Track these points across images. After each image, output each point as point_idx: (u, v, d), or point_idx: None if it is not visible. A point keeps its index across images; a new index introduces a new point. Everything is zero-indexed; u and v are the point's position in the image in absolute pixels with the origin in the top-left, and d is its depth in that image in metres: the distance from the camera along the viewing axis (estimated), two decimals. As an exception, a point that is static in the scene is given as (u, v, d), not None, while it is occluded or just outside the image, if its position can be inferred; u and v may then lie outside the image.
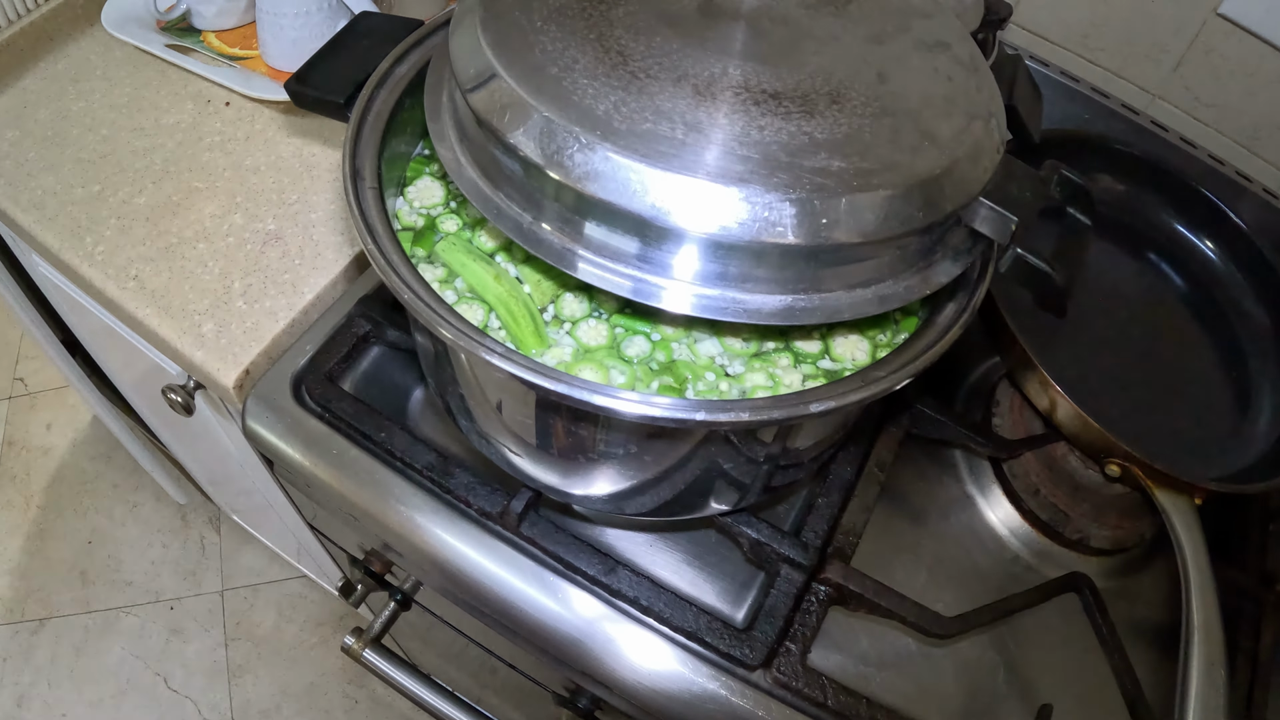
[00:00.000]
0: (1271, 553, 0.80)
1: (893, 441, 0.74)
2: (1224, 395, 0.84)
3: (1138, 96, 0.98)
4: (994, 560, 0.76)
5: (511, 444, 0.61)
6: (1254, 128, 0.97)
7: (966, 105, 0.55)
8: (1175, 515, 0.69)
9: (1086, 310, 0.82)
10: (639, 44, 0.52)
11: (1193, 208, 0.89)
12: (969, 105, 0.55)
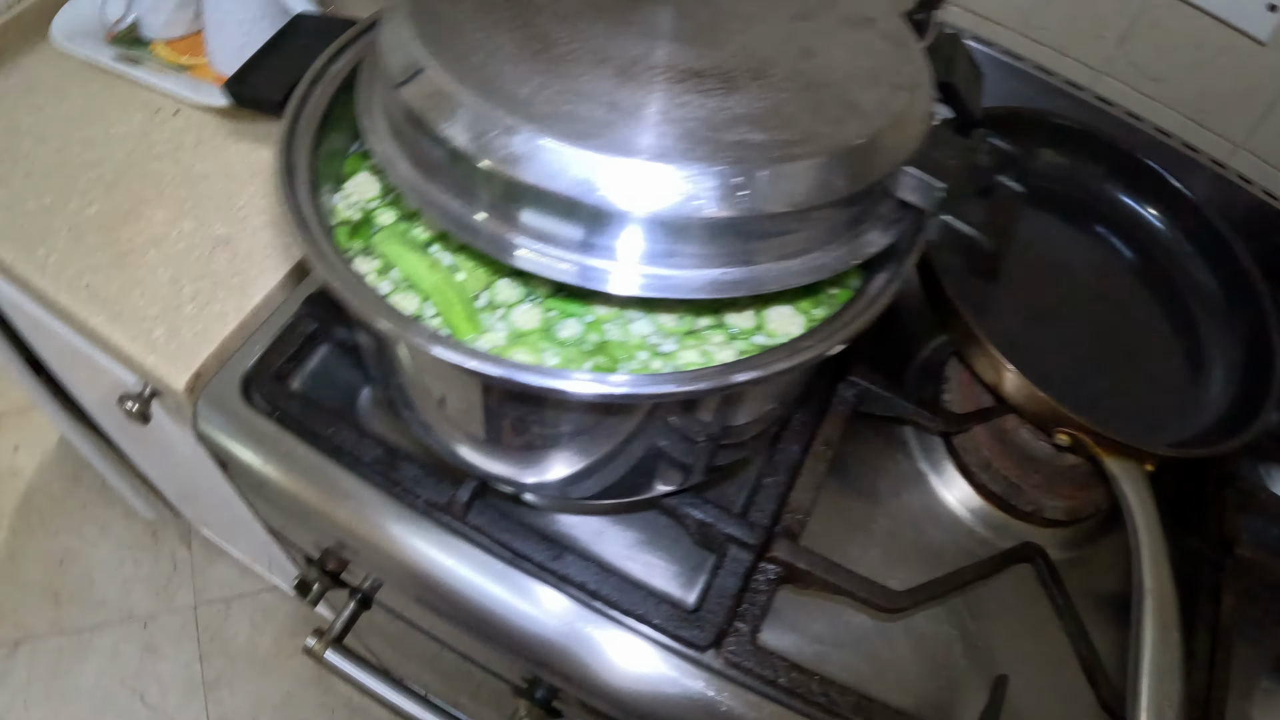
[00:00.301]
0: (1229, 517, 0.81)
1: (840, 419, 0.75)
2: (1177, 362, 0.86)
3: (1083, 73, 0.99)
4: (948, 535, 0.77)
5: (451, 432, 0.62)
6: (1201, 100, 0.98)
7: (892, 77, 0.56)
8: (1125, 482, 0.70)
9: (1035, 283, 0.83)
10: (564, 30, 0.53)
11: (1138, 179, 0.90)
12: (894, 77, 0.56)
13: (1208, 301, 0.89)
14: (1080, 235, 0.90)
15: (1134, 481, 0.70)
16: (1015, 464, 0.77)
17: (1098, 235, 0.90)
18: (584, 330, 0.58)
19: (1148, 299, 0.88)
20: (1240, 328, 0.87)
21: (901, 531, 0.77)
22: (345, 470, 0.72)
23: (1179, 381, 0.84)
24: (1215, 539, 0.80)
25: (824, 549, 0.72)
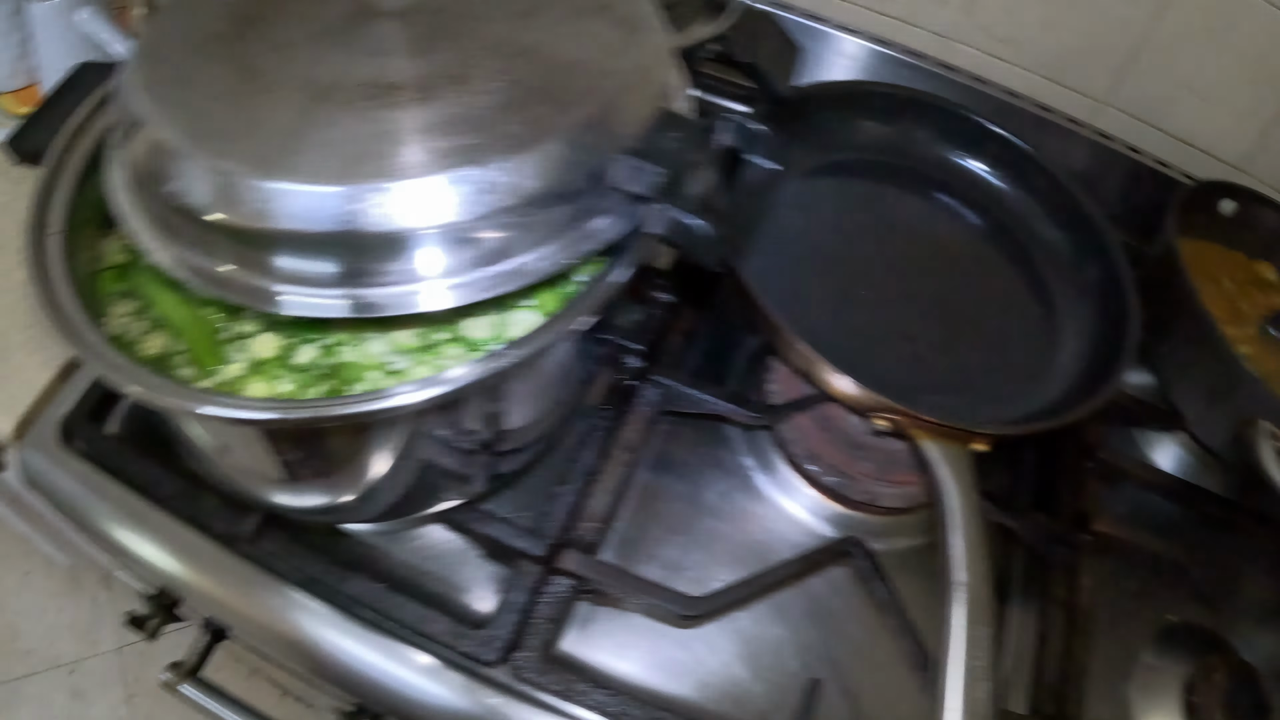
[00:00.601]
0: (1089, 491, 0.79)
1: (642, 422, 0.73)
2: (1031, 329, 0.83)
3: (931, 42, 0.97)
4: (778, 532, 0.75)
5: (218, 466, 0.61)
6: (1059, 59, 0.96)
7: (612, 65, 0.54)
8: (940, 465, 0.68)
9: (871, 261, 0.82)
10: (275, 59, 0.52)
11: (977, 142, 0.88)
12: (616, 64, 0.54)
13: (1059, 262, 0.86)
14: (922, 205, 0.88)
15: (953, 464, 0.68)
16: (844, 452, 0.75)
17: (940, 203, 0.88)
18: (320, 354, 0.57)
19: (998, 264, 0.86)
20: (1093, 289, 0.84)
21: (727, 530, 0.75)
22: (152, 506, 0.71)
23: (1032, 349, 0.82)
24: (1071, 516, 0.77)
25: (639, 554, 0.71)
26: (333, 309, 0.48)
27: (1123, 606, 0.80)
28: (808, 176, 0.84)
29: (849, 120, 0.86)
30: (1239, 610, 0.84)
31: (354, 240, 0.46)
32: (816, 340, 0.70)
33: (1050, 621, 0.73)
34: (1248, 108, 0.96)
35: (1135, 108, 0.97)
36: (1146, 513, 0.86)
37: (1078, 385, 0.78)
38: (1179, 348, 0.83)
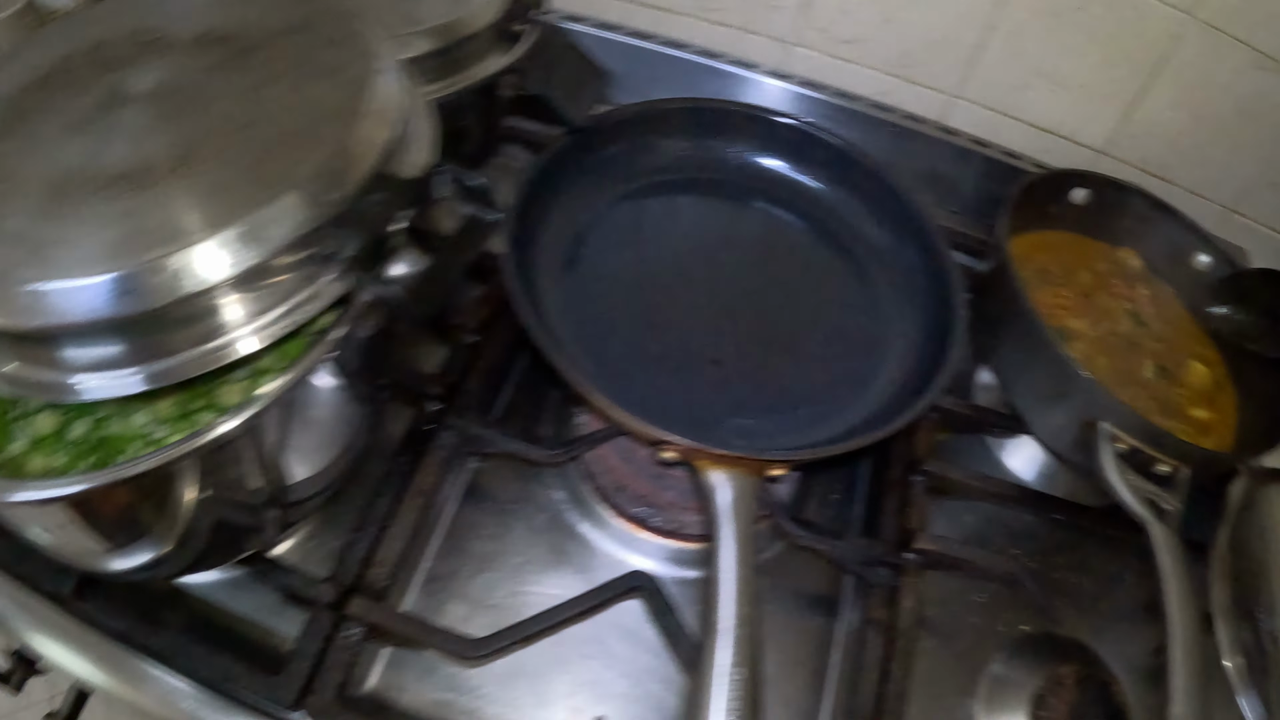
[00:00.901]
0: (914, 507, 0.77)
1: (438, 466, 0.74)
2: (857, 339, 0.83)
3: (771, 49, 0.96)
4: (586, 564, 0.75)
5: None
6: (902, 54, 0.94)
7: (329, 132, 0.55)
8: (718, 496, 0.67)
9: (671, 285, 0.81)
10: (30, 159, 0.54)
11: (792, 146, 0.88)
12: (333, 131, 0.55)
13: (887, 264, 0.85)
14: (739, 217, 0.87)
15: (734, 496, 0.67)
16: (649, 483, 0.75)
17: (758, 213, 0.87)
18: (90, 428, 0.59)
19: (823, 271, 0.85)
20: (921, 292, 0.83)
21: (537, 567, 0.75)
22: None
23: (858, 359, 0.81)
24: (895, 534, 0.76)
25: (447, 594, 0.72)
26: (122, 387, 0.50)
27: (969, 621, 0.79)
28: (616, 204, 0.84)
29: (651, 141, 0.85)
30: (1101, 616, 0.82)
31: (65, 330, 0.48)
32: (603, 374, 0.72)
33: (868, 646, 0.72)
34: (1106, 90, 0.93)
35: (988, 99, 0.95)
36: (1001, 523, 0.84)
37: (900, 396, 0.76)
38: (1013, 349, 0.81)
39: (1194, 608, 0.68)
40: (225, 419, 0.51)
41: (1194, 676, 0.65)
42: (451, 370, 0.77)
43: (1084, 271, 0.89)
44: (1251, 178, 0.98)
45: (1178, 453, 0.75)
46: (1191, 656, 0.65)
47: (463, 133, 0.81)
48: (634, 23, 0.95)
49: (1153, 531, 0.71)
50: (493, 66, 0.78)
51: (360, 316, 0.55)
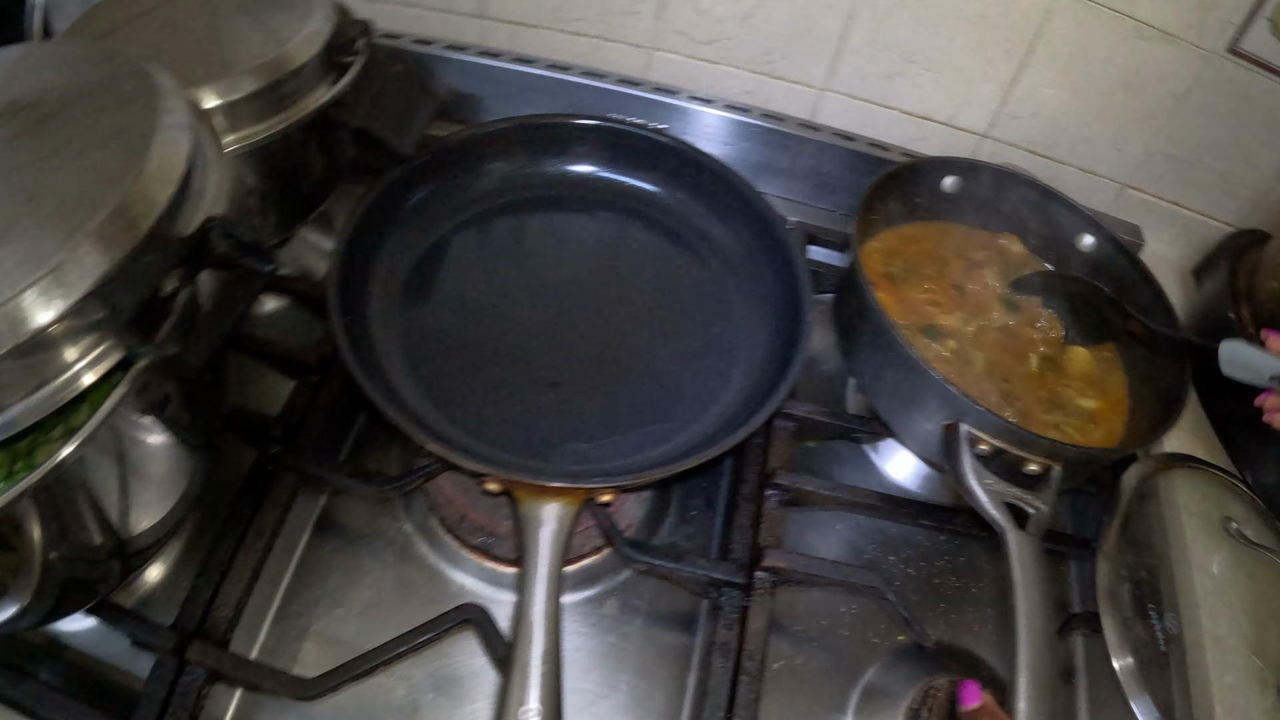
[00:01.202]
0: (767, 522, 0.76)
1: (277, 507, 0.74)
2: (708, 349, 0.81)
3: (633, 57, 0.95)
4: (440, 594, 0.75)
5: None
6: (765, 51, 0.92)
7: (105, 197, 0.55)
8: (529, 527, 0.67)
9: (511, 312, 0.81)
10: None
11: (636, 155, 0.87)
12: (111, 196, 0.55)
13: (738, 269, 0.84)
14: (584, 233, 0.86)
15: (546, 526, 0.67)
16: (484, 512, 0.74)
17: (604, 225, 0.87)
18: None
19: (673, 281, 0.85)
20: (772, 296, 0.82)
21: (388, 599, 0.75)
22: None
23: (709, 371, 0.80)
24: (747, 553, 0.74)
25: (296, 631, 0.73)
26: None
27: (839, 634, 0.78)
28: (455, 231, 0.84)
29: (484, 165, 0.85)
30: (984, 620, 0.81)
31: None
32: (438, 404, 0.73)
33: (713, 670, 0.70)
34: (980, 72, 0.91)
35: (859, 90, 0.93)
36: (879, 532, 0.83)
37: (748, 407, 0.75)
38: (870, 352, 0.79)
39: (1046, 619, 0.66)
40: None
41: (1041, 693, 0.63)
42: (293, 410, 0.77)
43: (958, 262, 0.86)
44: (1145, 151, 0.94)
45: (1047, 451, 0.72)
46: (1039, 673, 0.64)
47: (301, 168, 0.81)
48: (490, 41, 0.94)
49: (1007, 540, 0.69)
50: (319, 100, 0.77)
51: (137, 378, 0.55)
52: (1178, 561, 0.78)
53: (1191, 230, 0.99)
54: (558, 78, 0.91)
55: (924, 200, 0.87)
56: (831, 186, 0.95)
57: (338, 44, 0.78)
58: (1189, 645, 0.73)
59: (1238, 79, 0.89)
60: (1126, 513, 0.80)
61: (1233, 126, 0.93)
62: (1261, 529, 0.81)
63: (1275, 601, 0.76)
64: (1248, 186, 0.96)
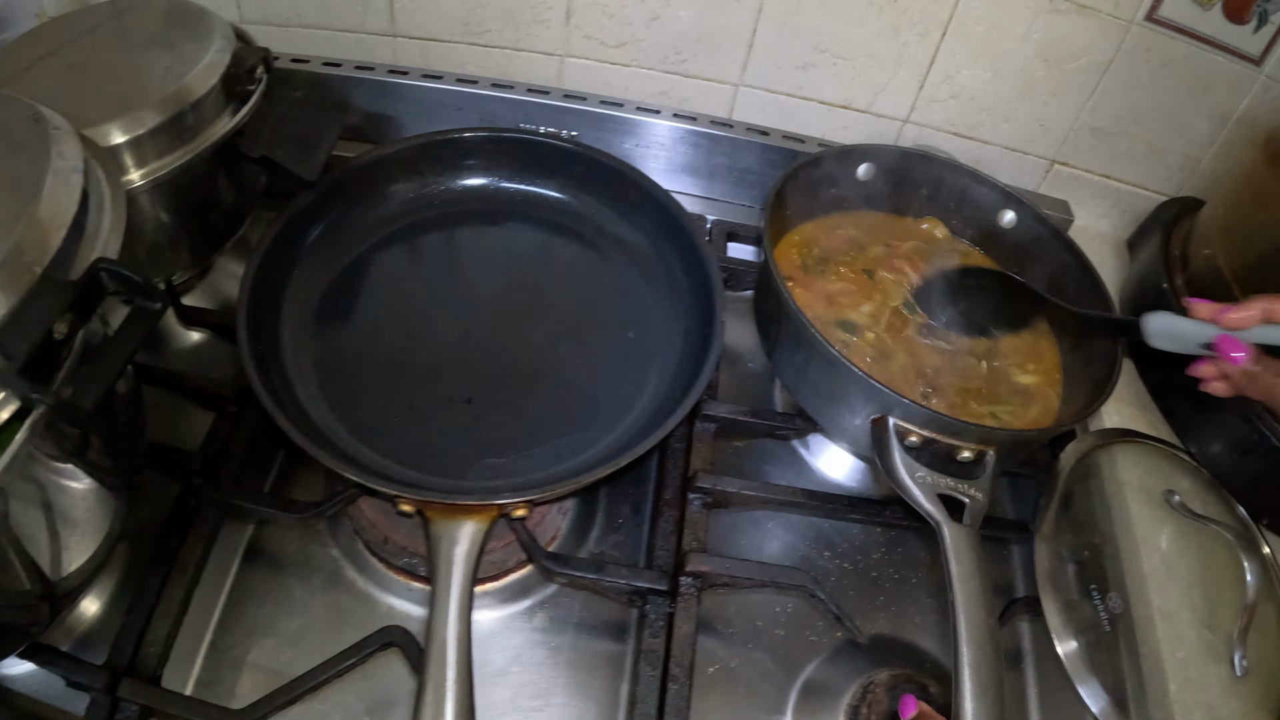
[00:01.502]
0: (691, 527, 0.76)
1: (201, 540, 0.74)
2: (624, 354, 0.81)
3: (546, 64, 0.95)
4: (370, 618, 0.75)
5: None
6: (676, 50, 0.92)
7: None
8: (442, 547, 0.67)
9: (422, 330, 0.81)
10: None
11: (540, 163, 0.87)
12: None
13: (651, 271, 0.84)
14: (494, 244, 0.87)
15: (454, 545, 0.66)
16: (406, 534, 0.74)
17: (514, 236, 0.87)
18: None
19: (588, 287, 0.84)
20: (686, 296, 0.82)
21: (319, 626, 0.75)
22: None
23: (625, 377, 0.80)
24: (673, 558, 0.74)
25: (231, 662, 0.72)
26: None
27: (775, 634, 0.78)
28: (366, 253, 0.84)
29: (391, 186, 0.85)
30: (924, 610, 0.81)
31: None
32: (353, 427, 0.73)
33: (641, 679, 0.70)
34: (895, 57, 0.90)
35: (774, 83, 0.93)
36: (815, 529, 0.83)
37: (665, 411, 0.74)
38: (790, 350, 0.78)
39: (987, 613, 0.65)
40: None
41: (984, 691, 0.61)
42: (213, 441, 0.77)
43: (877, 251, 0.86)
44: (1070, 125, 0.94)
45: (979, 436, 0.71)
46: (981, 671, 0.61)
47: (210, 199, 0.81)
48: (403, 59, 0.94)
49: (942, 534, 0.67)
50: (222, 130, 0.78)
51: (36, 425, 0.55)
52: (1122, 539, 0.77)
53: (1124, 202, 0.99)
54: (466, 91, 0.91)
55: (841, 191, 0.86)
56: (750, 182, 0.95)
57: (237, 73, 0.78)
58: (1138, 622, 0.73)
59: (1159, 47, 0.89)
60: (1066, 492, 0.79)
61: (1158, 95, 0.92)
62: (1209, 500, 0.81)
63: (1225, 572, 0.76)
64: (1177, 154, 0.95)
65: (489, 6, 0.90)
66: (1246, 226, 0.83)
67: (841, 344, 0.78)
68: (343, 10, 0.92)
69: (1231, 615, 0.73)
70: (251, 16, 0.91)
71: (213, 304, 0.89)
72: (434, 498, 0.67)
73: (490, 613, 0.76)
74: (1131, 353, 0.84)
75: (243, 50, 0.80)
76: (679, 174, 0.96)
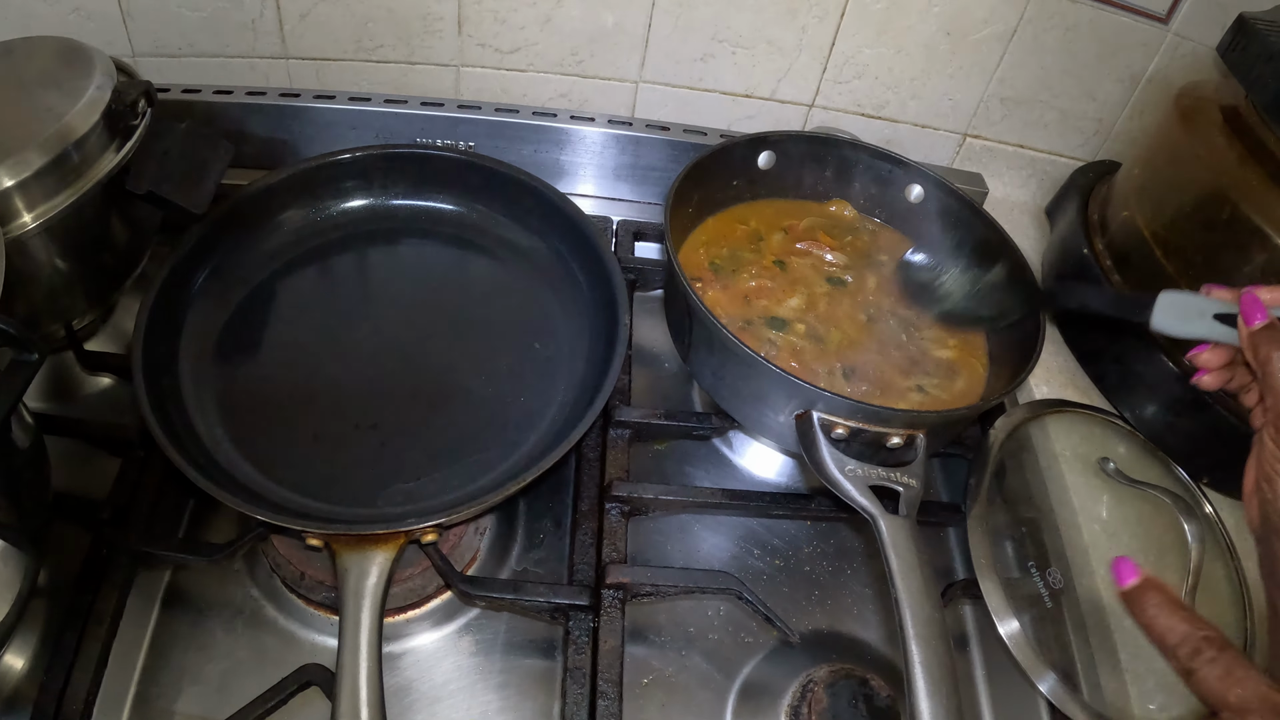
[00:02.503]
0: (609, 538, 0.76)
1: (115, 590, 0.74)
2: (531, 368, 0.81)
3: (442, 76, 0.95)
4: (294, 656, 0.74)
5: None
6: (572, 51, 0.92)
7: None
8: (350, 579, 0.66)
9: (324, 359, 0.81)
10: None
11: (429, 177, 0.87)
12: None
13: (554, 278, 0.84)
14: (393, 265, 0.86)
15: (366, 575, 0.66)
16: (323, 568, 0.74)
17: (413, 254, 0.87)
18: None
19: (490, 301, 0.84)
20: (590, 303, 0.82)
21: (245, 668, 0.75)
22: None
23: (534, 390, 0.79)
24: (596, 573, 0.74)
25: (152, 717, 0.72)
26: None
27: (709, 639, 0.78)
28: (262, 284, 0.83)
29: (281, 215, 0.84)
30: (861, 601, 0.81)
31: None
32: (258, 462, 0.73)
33: (568, 696, 0.70)
34: (794, 42, 0.91)
35: (674, 77, 0.93)
36: (745, 529, 0.83)
37: (573, 421, 0.74)
38: (705, 351, 0.77)
39: (934, 606, 0.64)
40: None
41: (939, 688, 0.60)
42: (121, 488, 0.77)
43: (786, 240, 0.86)
44: (979, 97, 0.94)
45: (906, 421, 0.70)
46: (934, 668, 0.60)
47: (102, 238, 0.80)
48: (298, 81, 0.94)
49: (879, 527, 0.66)
50: (107, 167, 0.77)
51: None
52: (1059, 511, 0.78)
53: (1040, 170, 0.99)
54: (360, 109, 0.91)
55: (743, 181, 0.86)
56: (654, 180, 0.95)
57: (119, 108, 0.78)
58: (1082, 595, 0.73)
59: (1063, 12, 0.89)
60: (998, 468, 0.79)
61: (1066, 61, 0.92)
62: (1147, 465, 0.81)
63: (1168, 536, 0.77)
64: (1090, 119, 0.95)
65: (380, 22, 0.90)
66: (1163, 186, 0.83)
67: (769, 342, 0.78)
68: (234, 36, 0.91)
69: (1178, 579, 0.74)
70: (143, 49, 0.90)
71: (117, 346, 0.88)
72: (338, 529, 0.66)
73: (419, 639, 0.75)
74: (1055, 319, 0.84)
75: (124, 85, 0.80)
76: (580, 176, 0.96)
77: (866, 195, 0.89)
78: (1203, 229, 0.77)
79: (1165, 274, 0.79)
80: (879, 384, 0.77)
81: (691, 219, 0.84)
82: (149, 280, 0.78)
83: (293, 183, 0.84)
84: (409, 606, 0.75)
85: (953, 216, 0.86)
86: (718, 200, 0.85)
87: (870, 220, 0.88)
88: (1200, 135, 0.79)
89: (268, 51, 0.92)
